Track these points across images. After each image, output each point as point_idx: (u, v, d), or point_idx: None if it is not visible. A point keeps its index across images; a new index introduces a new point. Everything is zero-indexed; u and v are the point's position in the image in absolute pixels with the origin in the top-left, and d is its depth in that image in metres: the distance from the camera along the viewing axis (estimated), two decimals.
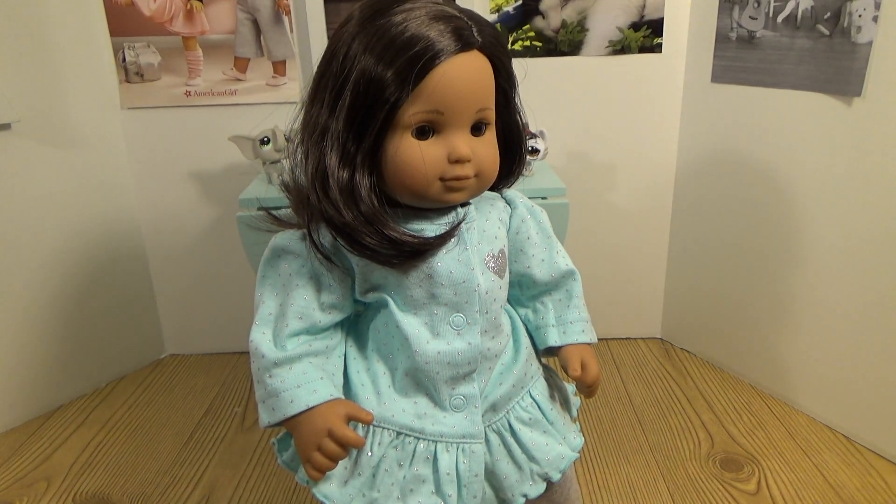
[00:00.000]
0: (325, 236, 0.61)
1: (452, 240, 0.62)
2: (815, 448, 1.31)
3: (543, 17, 1.50)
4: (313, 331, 0.61)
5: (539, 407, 0.69)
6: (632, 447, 1.33)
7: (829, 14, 1.21)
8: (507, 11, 1.49)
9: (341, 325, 0.65)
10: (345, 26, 0.57)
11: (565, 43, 1.51)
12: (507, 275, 0.68)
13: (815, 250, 1.34)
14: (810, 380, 1.40)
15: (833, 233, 1.30)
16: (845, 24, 1.18)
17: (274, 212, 0.64)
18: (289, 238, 0.60)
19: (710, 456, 1.30)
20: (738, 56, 1.40)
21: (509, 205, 0.70)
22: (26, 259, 1.43)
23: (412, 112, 0.55)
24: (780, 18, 1.30)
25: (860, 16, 1.15)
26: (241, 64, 1.52)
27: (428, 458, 0.63)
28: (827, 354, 1.36)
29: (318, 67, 0.59)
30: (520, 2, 1.48)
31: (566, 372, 0.68)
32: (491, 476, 0.66)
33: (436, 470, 0.63)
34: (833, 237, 1.30)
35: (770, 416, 1.43)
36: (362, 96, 0.55)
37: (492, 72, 0.59)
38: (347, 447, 0.59)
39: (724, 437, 1.35)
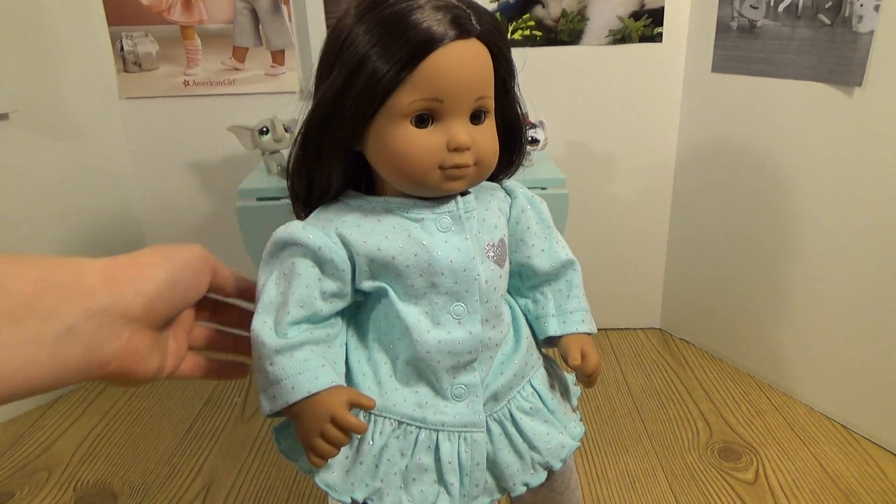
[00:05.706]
0: (326, 225, 0.61)
1: (453, 229, 0.62)
2: (812, 438, 1.32)
3: (543, 7, 1.49)
4: (314, 319, 0.61)
5: (540, 396, 0.69)
6: (631, 437, 1.33)
7: (830, 3, 1.21)
8: (507, 0, 1.48)
9: (342, 314, 0.65)
10: (343, 18, 0.57)
11: (565, 32, 1.50)
12: (507, 264, 0.67)
13: (814, 240, 1.34)
14: (808, 370, 1.41)
15: (832, 223, 1.30)
16: (846, 14, 1.18)
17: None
18: (291, 229, 0.60)
19: (708, 445, 1.30)
20: (738, 46, 1.39)
21: (509, 195, 0.69)
22: (24, 249, 1.42)
23: (411, 100, 0.55)
24: (781, 8, 1.30)
25: (861, 5, 1.15)
26: (240, 53, 1.51)
27: (430, 447, 0.63)
28: (825, 344, 1.36)
29: (319, 62, 0.59)
30: None
31: (566, 362, 0.68)
32: (492, 465, 0.66)
33: (438, 459, 0.63)
34: (832, 227, 1.30)
35: (768, 405, 1.43)
36: (359, 83, 0.55)
37: (491, 60, 0.59)
38: (350, 433, 0.59)
39: (722, 427, 1.36)
